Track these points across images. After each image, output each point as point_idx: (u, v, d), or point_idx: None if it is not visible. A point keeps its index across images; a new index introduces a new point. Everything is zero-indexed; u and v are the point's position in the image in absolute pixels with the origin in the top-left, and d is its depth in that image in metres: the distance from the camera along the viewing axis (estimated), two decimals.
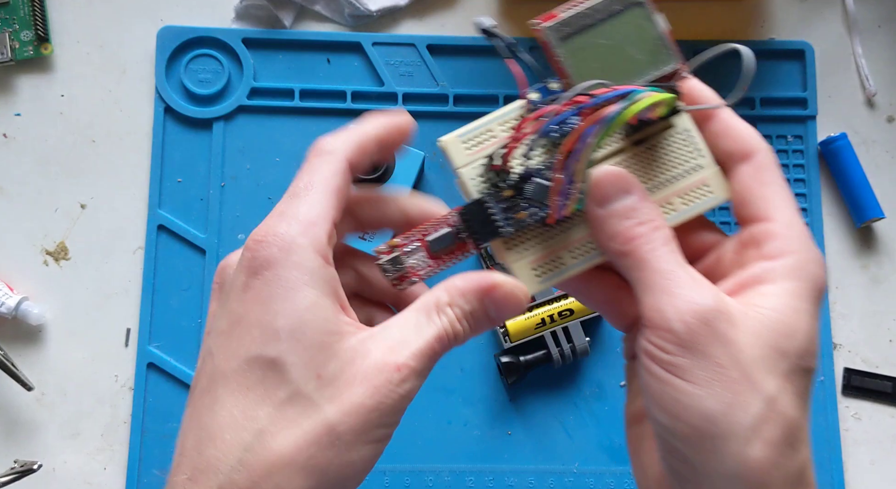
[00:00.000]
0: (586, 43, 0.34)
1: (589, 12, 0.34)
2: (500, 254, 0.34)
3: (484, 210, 0.33)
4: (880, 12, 0.67)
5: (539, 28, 0.34)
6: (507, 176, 0.33)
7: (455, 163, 0.34)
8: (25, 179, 0.62)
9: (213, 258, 0.61)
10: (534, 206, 0.33)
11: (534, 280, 0.34)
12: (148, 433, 0.59)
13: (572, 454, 0.60)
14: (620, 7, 0.34)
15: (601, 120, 0.31)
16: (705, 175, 0.34)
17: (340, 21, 0.65)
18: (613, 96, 0.31)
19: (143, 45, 0.64)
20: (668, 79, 0.34)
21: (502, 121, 0.34)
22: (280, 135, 0.63)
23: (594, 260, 0.34)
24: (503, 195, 0.33)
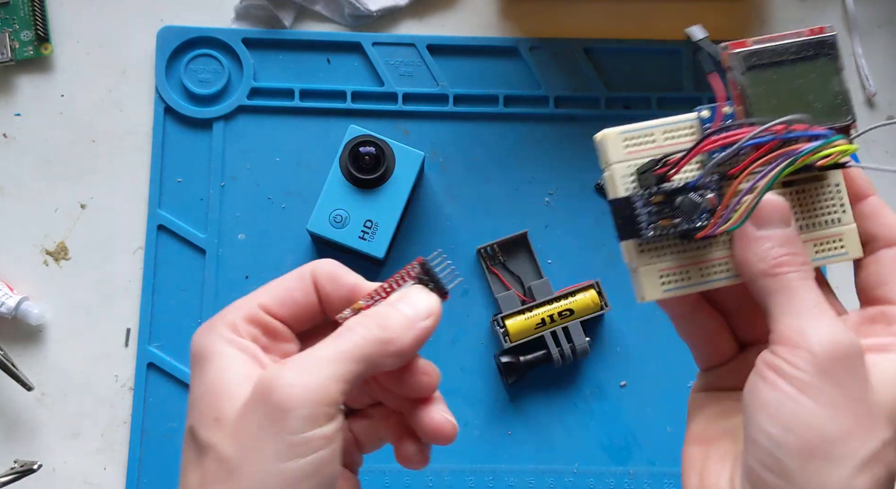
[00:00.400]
0: (769, 78, 0.35)
1: (780, 50, 0.35)
2: (631, 255, 0.35)
3: (632, 208, 0.34)
4: (880, 12, 0.67)
5: (728, 52, 0.35)
6: (663, 182, 0.34)
7: (610, 157, 0.34)
8: (25, 179, 0.62)
9: (213, 258, 0.61)
10: (679, 217, 0.34)
11: (658, 287, 0.34)
12: (148, 433, 0.59)
13: (572, 454, 0.60)
14: (812, 53, 0.35)
15: (790, 153, 0.32)
16: (842, 230, 0.36)
17: (340, 21, 0.65)
18: (810, 135, 0.32)
19: (143, 45, 0.64)
20: (838, 132, 0.34)
21: (667, 129, 0.35)
22: (280, 135, 0.63)
23: (724, 281, 0.35)
24: (652, 200, 0.34)
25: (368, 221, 0.58)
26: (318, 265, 0.35)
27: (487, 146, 0.63)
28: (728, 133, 0.33)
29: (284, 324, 0.35)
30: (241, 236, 0.62)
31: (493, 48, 0.64)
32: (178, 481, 0.32)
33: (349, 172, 0.58)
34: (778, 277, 0.33)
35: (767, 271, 0.33)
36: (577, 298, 0.59)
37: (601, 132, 0.35)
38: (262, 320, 0.34)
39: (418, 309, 0.34)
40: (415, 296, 0.35)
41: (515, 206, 0.62)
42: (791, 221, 0.34)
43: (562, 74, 0.64)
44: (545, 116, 0.63)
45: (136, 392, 0.60)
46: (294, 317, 0.35)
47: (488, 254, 0.61)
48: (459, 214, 0.63)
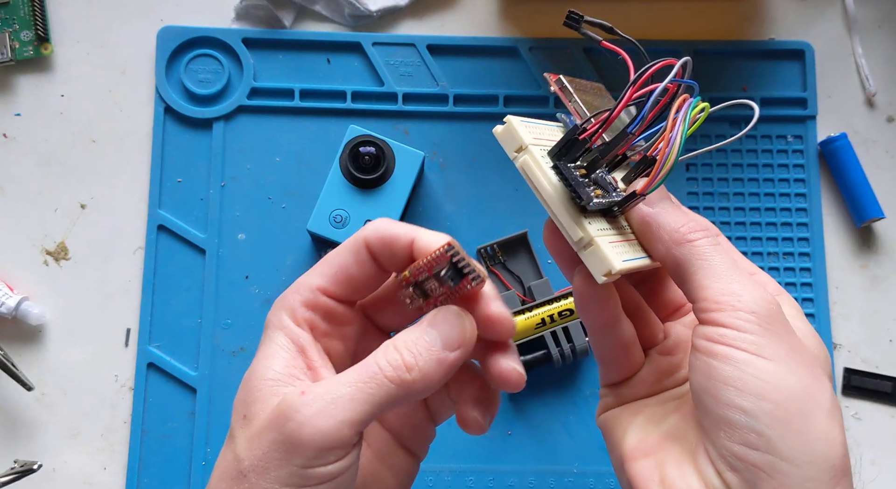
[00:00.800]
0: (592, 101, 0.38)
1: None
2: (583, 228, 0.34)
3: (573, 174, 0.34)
4: (880, 12, 0.67)
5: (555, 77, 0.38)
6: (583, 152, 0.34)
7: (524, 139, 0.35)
8: (25, 179, 0.62)
9: (213, 258, 0.61)
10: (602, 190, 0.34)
11: (618, 257, 0.34)
12: (148, 433, 0.59)
13: (572, 454, 0.60)
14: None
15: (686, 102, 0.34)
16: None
17: (340, 21, 0.65)
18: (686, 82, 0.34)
19: (143, 45, 0.64)
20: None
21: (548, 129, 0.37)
22: (280, 135, 0.63)
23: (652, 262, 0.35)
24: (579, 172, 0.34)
25: (368, 221, 0.58)
26: (369, 232, 0.35)
27: (487, 146, 0.63)
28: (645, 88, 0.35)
29: (346, 301, 0.35)
30: (241, 236, 0.62)
31: (493, 48, 0.64)
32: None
33: (349, 172, 0.58)
34: (693, 244, 0.33)
35: (681, 239, 0.33)
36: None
37: (505, 119, 0.36)
38: (321, 304, 0.34)
39: (451, 340, 0.33)
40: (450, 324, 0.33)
41: (515, 206, 0.62)
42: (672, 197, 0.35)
43: (562, 74, 0.64)
44: (545, 117, 0.63)
45: (136, 392, 0.60)
46: (354, 291, 0.35)
47: (488, 254, 0.61)
48: (459, 214, 0.63)
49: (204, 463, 0.59)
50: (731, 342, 0.31)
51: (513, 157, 0.35)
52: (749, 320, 0.31)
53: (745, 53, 0.65)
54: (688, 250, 0.33)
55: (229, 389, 0.60)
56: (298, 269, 0.61)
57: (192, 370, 0.60)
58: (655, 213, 0.34)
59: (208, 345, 0.60)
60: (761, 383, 0.30)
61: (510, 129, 0.35)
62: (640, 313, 0.39)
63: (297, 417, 0.30)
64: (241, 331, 0.61)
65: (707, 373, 0.31)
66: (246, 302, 0.61)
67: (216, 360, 0.60)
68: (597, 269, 0.33)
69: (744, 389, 0.30)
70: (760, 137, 0.64)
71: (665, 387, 0.38)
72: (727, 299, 0.31)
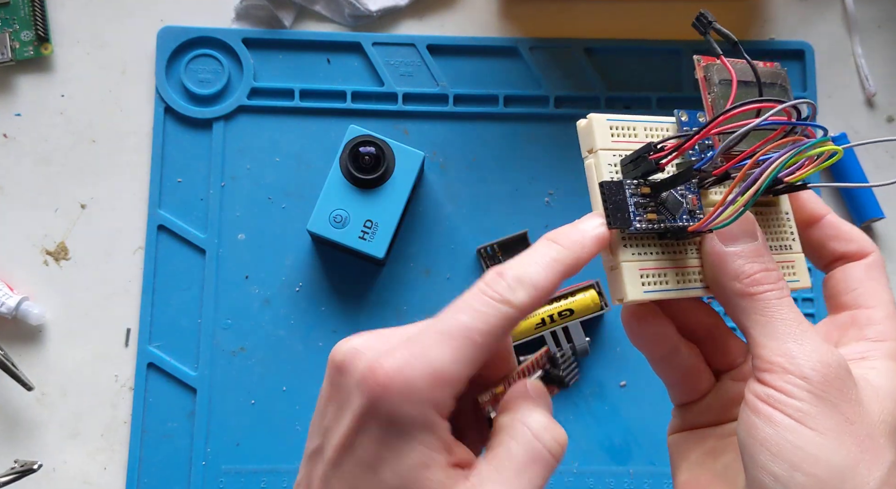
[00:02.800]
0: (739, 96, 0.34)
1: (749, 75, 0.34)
2: (615, 248, 0.33)
3: (623, 193, 0.32)
4: (880, 12, 0.67)
5: (701, 64, 0.34)
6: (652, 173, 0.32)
7: (597, 142, 0.33)
8: (25, 179, 0.62)
9: (213, 258, 0.61)
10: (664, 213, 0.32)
11: (639, 287, 0.33)
12: (148, 433, 0.59)
13: (572, 454, 0.60)
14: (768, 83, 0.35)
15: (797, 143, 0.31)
16: (793, 257, 0.36)
17: (340, 21, 0.65)
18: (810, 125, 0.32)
19: (143, 45, 0.64)
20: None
21: (648, 126, 0.34)
22: (280, 135, 0.63)
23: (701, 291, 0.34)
24: (641, 190, 0.32)
25: (368, 221, 0.58)
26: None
27: (487, 146, 0.63)
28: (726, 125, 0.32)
29: None
30: (241, 236, 0.62)
31: (493, 48, 0.64)
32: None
33: (349, 172, 0.58)
34: (755, 297, 0.32)
35: (744, 291, 0.32)
36: (577, 298, 0.59)
37: (588, 116, 0.34)
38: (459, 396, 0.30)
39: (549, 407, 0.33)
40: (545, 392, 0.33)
41: (515, 206, 0.62)
42: (759, 235, 0.33)
43: (562, 74, 0.64)
44: (545, 116, 0.63)
45: (136, 392, 0.60)
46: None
47: (488, 254, 0.61)
48: (459, 214, 0.63)
49: (204, 463, 0.59)
50: (777, 404, 0.30)
51: (584, 156, 0.34)
52: (799, 386, 0.29)
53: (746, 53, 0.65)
54: (748, 303, 0.32)
55: (229, 389, 0.60)
56: (298, 269, 0.61)
57: (192, 370, 0.60)
58: (725, 254, 0.32)
59: (208, 345, 0.60)
60: (799, 452, 0.29)
61: (589, 128, 0.33)
62: (715, 334, 0.37)
63: None
64: (241, 331, 0.61)
65: (749, 429, 0.30)
66: (246, 302, 0.61)
67: (216, 360, 0.60)
68: (613, 293, 0.33)
69: (779, 455, 0.29)
70: None
71: (732, 417, 0.36)
72: (780, 361, 0.30)
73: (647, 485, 0.60)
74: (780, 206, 0.36)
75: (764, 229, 0.35)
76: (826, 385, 0.29)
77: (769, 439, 0.29)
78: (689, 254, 0.34)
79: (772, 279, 0.32)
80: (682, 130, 0.34)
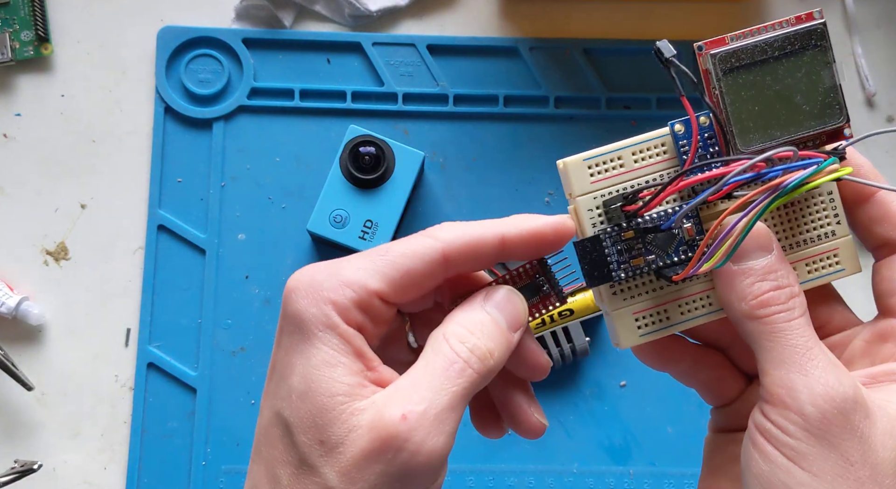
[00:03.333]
0: (752, 81, 0.30)
1: (763, 47, 0.30)
2: (602, 299, 0.32)
3: (600, 249, 0.30)
4: (880, 12, 0.67)
5: (702, 53, 0.30)
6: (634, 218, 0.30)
7: (574, 189, 0.31)
8: (25, 179, 0.62)
9: (213, 258, 0.61)
10: (653, 253, 0.30)
11: (634, 332, 0.31)
12: (148, 433, 0.59)
13: (572, 454, 0.60)
14: (798, 47, 0.30)
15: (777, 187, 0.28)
16: (837, 243, 0.32)
17: (340, 21, 0.65)
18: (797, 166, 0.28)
19: (143, 45, 0.64)
20: (829, 136, 0.31)
21: (636, 149, 0.31)
22: (280, 135, 0.63)
23: (706, 317, 0.31)
24: (623, 236, 0.30)
25: (368, 221, 0.58)
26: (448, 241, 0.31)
27: (487, 146, 0.63)
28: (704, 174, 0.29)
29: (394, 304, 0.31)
30: (241, 236, 0.62)
31: (493, 48, 0.64)
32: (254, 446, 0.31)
33: (349, 172, 0.58)
34: (761, 320, 0.29)
35: (751, 313, 0.30)
36: (577, 298, 0.59)
37: (562, 160, 0.31)
38: (374, 309, 0.30)
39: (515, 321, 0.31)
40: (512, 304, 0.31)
41: (515, 206, 0.62)
42: (773, 247, 0.30)
43: (562, 74, 0.64)
44: (545, 116, 0.63)
45: (136, 392, 0.60)
46: (409, 298, 0.31)
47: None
48: (459, 214, 0.62)
49: (204, 463, 0.59)
50: (773, 440, 0.28)
51: (567, 197, 0.32)
52: (796, 423, 0.28)
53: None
54: (755, 326, 0.29)
55: (229, 389, 0.60)
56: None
57: (192, 370, 0.60)
58: (732, 273, 0.30)
59: (208, 345, 0.60)
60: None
61: (564, 173, 0.31)
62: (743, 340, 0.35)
63: (408, 447, 0.28)
64: (241, 331, 0.61)
65: (747, 459, 0.29)
66: (246, 302, 0.61)
67: (216, 360, 0.60)
68: (612, 338, 0.32)
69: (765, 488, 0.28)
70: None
71: None
72: (780, 393, 0.28)
73: (647, 485, 0.60)
74: (822, 186, 0.31)
75: (799, 217, 0.32)
76: (825, 423, 0.27)
77: (762, 475, 0.28)
78: (694, 282, 0.31)
79: (781, 299, 0.29)
80: (678, 145, 0.31)
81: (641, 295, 0.31)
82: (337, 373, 0.29)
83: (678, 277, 0.30)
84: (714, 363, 0.34)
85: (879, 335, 0.32)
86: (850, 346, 0.32)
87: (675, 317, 0.31)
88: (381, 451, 0.28)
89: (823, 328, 0.33)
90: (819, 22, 0.31)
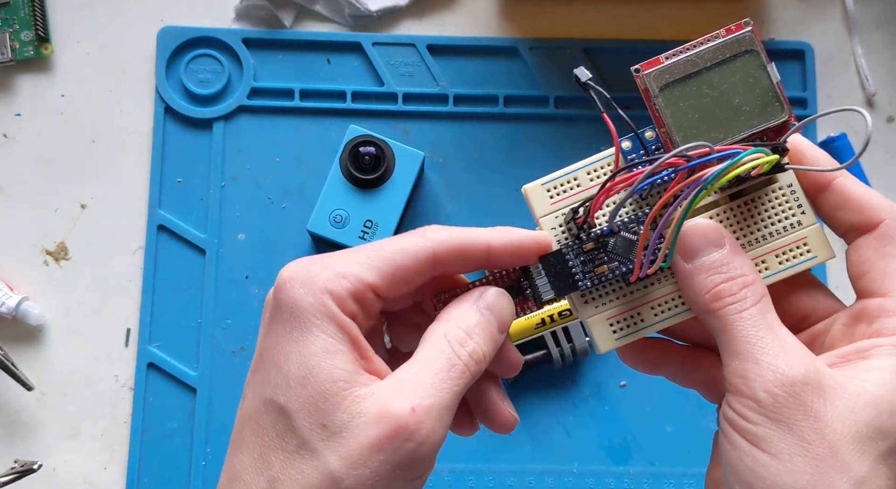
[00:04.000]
0: (689, 91, 0.32)
1: (694, 59, 0.32)
2: (575, 307, 0.33)
3: (564, 262, 0.33)
4: (880, 12, 0.67)
5: (639, 75, 0.32)
6: (591, 229, 0.32)
7: (536, 211, 0.34)
8: (25, 179, 0.62)
9: (213, 258, 0.61)
10: (616, 260, 0.32)
11: (610, 336, 0.33)
12: (148, 433, 0.59)
13: (572, 454, 0.60)
14: (729, 55, 0.32)
15: (697, 182, 0.30)
16: (805, 232, 0.33)
17: (340, 21, 0.65)
18: (714, 158, 0.30)
19: (143, 45, 0.64)
20: (775, 132, 0.32)
21: (590, 169, 0.33)
22: (280, 135, 0.63)
23: (678, 317, 0.33)
24: (584, 248, 0.32)
25: (368, 221, 0.58)
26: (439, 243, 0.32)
27: (487, 146, 0.63)
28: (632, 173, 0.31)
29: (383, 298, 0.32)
30: (241, 236, 0.62)
31: (493, 48, 0.64)
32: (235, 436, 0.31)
33: (349, 172, 0.58)
34: (716, 313, 0.31)
35: (706, 307, 0.31)
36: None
37: (524, 186, 0.34)
38: (367, 301, 0.31)
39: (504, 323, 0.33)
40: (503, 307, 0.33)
41: (515, 206, 0.62)
42: (724, 241, 0.31)
43: (562, 74, 0.64)
44: (545, 116, 0.63)
45: (136, 392, 0.60)
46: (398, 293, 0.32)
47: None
48: (459, 214, 0.63)
49: (204, 463, 0.59)
50: (736, 428, 0.30)
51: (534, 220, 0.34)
52: (753, 409, 0.29)
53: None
54: (711, 320, 0.31)
55: (229, 389, 0.60)
56: None
57: (192, 370, 0.60)
58: (686, 271, 0.31)
59: (208, 345, 0.60)
60: (754, 475, 0.29)
61: (526, 198, 0.34)
62: None
63: (415, 438, 0.29)
64: (241, 331, 0.61)
65: (720, 447, 0.31)
66: (246, 302, 0.61)
67: (216, 360, 0.60)
68: (594, 344, 0.34)
69: (738, 476, 0.29)
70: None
71: None
72: (736, 382, 0.30)
73: (647, 485, 0.60)
74: (781, 180, 0.33)
75: (762, 211, 0.33)
76: (778, 406, 0.29)
77: (732, 462, 0.30)
78: (663, 283, 0.33)
79: (734, 290, 0.31)
80: (627, 160, 0.33)
81: (613, 301, 0.33)
82: (338, 360, 0.30)
83: (632, 279, 0.32)
84: (706, 362, 0.35)
85: (855, 317, 0.32)
86: (831, 331, 0.33)
87: (648, 319, 0.33)
88: (390, 439, 0.29)
89: (809, 316, 0.34)
90: (747, 30, 0.33)
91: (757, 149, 0.30)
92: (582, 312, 0.33)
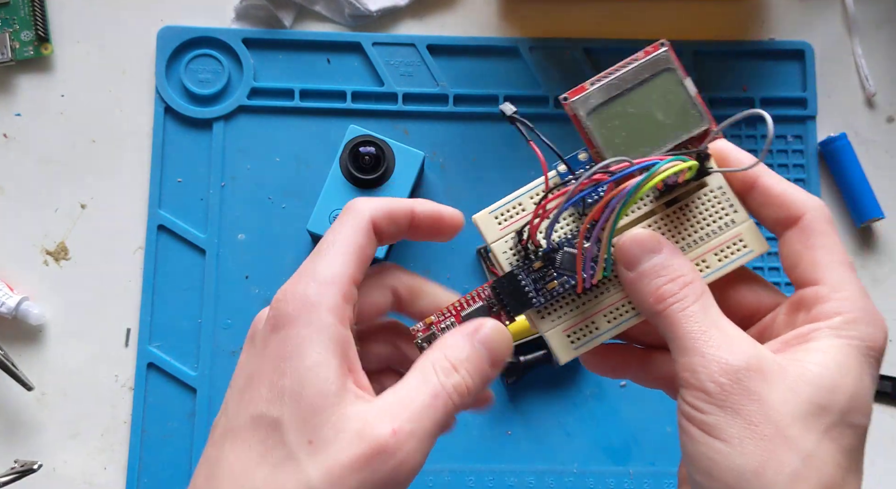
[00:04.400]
0: (615, 112, 0.35)
1: (617, 82, 0.35)
2: (534, 323, 0.35)
3: (516, 282, 0.34)
4: (880, 12, 0.67)
5: (567, 102, 0.35)
6: (537, 248, 0.34)
7: (487, 238, 0.35)
8: (25, 179, 0.62)
9: (213, 258, 0.61)
10: (564, 275, 0.34)
11: (569, 347, 0.35)
12: (148, 433, 0.59)
13: (572, 454, 0.60)
14: (649, 74, 0.35)
15: (621, 194, 0.32)
16: (740, 230, 0.35)
17: (340, 21, 0.65)
18: (634, 170, 0.32)
19: (143, 45, 0.64)
20: (699, 140, 0.34)
21: (532, 194, 0.36)
22: (280, 135, 0.63)
23: (629, 322, 0.35)
24: (534, 267, 0.34)
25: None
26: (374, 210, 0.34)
27: (487, 146, 0.63)
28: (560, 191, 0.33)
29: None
30: (241, 236, 0.62)
31: (493, 48, 0.64)
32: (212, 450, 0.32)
33: (349, 172, 0.58)
34: (662, 314, 0.32)
35: (651, 310, 0.33)
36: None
37: (474, 216, 0.36)
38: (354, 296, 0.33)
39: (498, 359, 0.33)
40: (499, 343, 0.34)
41: None
42: (660, 246, 0.33)
43: (562, 74, 0.64)
44: (545, 116, 0.63)
45: (136, 392, 0.60)
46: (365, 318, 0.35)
47: (488, 255, 0.61)
48: None
49: None
50: (691, 419, 0.31)
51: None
52: (702, 399, 0.31)
53: (745, 54, 0.65)
54: (658, 321, 0.33)
55: None
56: None
57: (192, 370, 0.60)
58: (630, 280, 0.33)
59: (208, 345, 0.60)
60: (709, 462, 0.30)
61: (477, 227, 0.36)
62: None
63: (392, 460, 0.30)
64: (241, 331, 0.61)
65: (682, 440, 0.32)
66: (246, 302, 0.61)
67: (216, 360, 0.60)
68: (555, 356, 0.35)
69: (696, 465, 0.31)
70: (760, 137, 0.64)
71: None
72: (686, 376, 0.31)
73: (647, 485, 0.60)
74: (711, 183, 0.35)
75: (696, 215, 0.35)
76: (725, 394, 0.30)
77: (689, 452, 0.31)
78: (612, 292, 0.35)
79: (675, 290, 0.32)
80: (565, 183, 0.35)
81: (567, 313, 0.35)
82: (329, 374, 0.31)
83: (578, 291, 0.34)
84: (663, 362, 0.37)
85: (794, 306, 0.34)
86: (775, 322, 0.35)
87: (602, 327, 0.35)
88: (370, 459, 0.30)
89: (756, 312, 0.36)
90: (662, 51, 0.35)
91: (676, 157, 0.32)
92: (540, 327, 0.35)
